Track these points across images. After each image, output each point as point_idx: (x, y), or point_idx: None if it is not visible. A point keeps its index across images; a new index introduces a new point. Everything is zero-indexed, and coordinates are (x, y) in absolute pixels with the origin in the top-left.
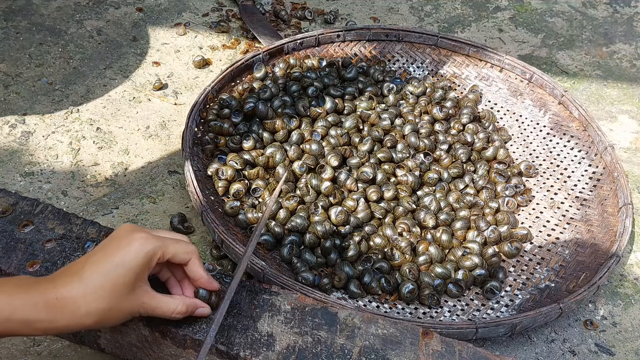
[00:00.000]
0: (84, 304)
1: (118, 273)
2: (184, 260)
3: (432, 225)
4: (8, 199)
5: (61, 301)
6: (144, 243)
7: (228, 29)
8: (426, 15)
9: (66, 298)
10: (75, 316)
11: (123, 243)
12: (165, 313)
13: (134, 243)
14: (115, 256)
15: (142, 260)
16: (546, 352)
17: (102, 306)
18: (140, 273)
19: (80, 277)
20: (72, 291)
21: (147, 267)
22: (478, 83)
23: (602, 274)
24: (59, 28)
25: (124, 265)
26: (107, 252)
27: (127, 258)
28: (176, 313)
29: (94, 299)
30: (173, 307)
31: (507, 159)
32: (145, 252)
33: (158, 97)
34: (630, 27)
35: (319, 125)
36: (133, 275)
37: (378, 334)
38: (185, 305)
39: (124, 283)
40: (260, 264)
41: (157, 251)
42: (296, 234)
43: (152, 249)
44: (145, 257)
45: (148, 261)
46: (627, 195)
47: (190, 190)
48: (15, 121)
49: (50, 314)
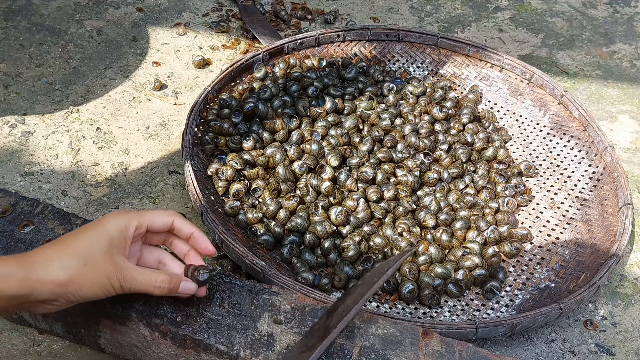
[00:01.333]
0: (57, 258)
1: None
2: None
3: (432, 225)
4: (8, 199)
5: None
6: (117, 215)
7: (228, 29)
8: (426, 15)
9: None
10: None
11: (101, 221)
12: (146, 285)
13: (107, 218)
14: (89, 228)
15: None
16: (546, 352)
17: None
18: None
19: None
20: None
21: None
22: (478, 83)
23: (602, 274)
24: (58, 28)
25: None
26: (84, 228)
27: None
28: (158, 283)
29: (67, 254)
30: (154, 278)
31: (507, 159)
32: (118, 221)
33: (158, 97)
34: (630, 27)
35: (319, 125)
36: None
37: (378, 334)
38: (167, 277)
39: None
40: (260, 264)
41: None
42: (296, 234)
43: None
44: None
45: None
46: (627, 195)
47: (190, 190)
48: (15, 121)
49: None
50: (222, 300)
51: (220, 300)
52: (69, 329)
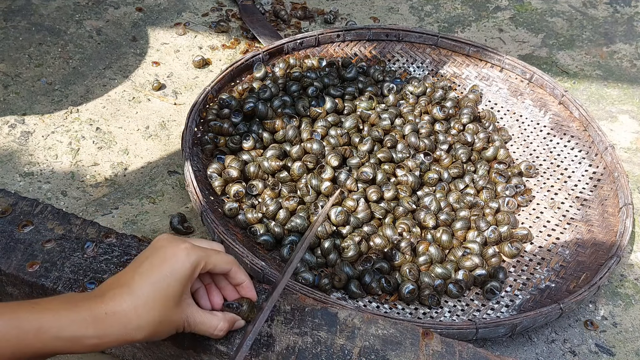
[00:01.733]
0: (135, 317)
1: (168, 283)
2: (224, 270)
3: (432, 225)
4: (8, 199)
5: (111, 316)
6: (189, 253)
7: (228, 29)
8: (426, 15)
9: (116, 312)
10: (126, 330)
11: (169, 253)
12: (208, 329)
13: (179, 253)
14: (164, 266)
15: (189, 271)
16: (546, 352)
17: (153, 319)
18: (186, 284)
19: (130, 288)
20: (123, 304)
21: (192, 278)
22: (478, 83)
23: (603, 274)
24: (58, 28)
25: (172, 276)
26: (154, 263)
27: (175, 268)
28: (218, 330)
29: (145, 311)
30: (215, 323)
31: (508, 159)
32: (191, 262)
33: (158, 97)
34: (630, 27)
35: (319, 125)
36: (180, 286)
37: (378, 334)
38: (227, 321)
39: (173, 294)
40: (260, 264)
41: (200, 261)
42: (296, 234)
43: (196, 259)
44: (191, 267)
45: (193, 271)
46: (628, 195)
47: (190, 191)
48: (14, 121)
49: (100, 330)
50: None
51: None
52: None
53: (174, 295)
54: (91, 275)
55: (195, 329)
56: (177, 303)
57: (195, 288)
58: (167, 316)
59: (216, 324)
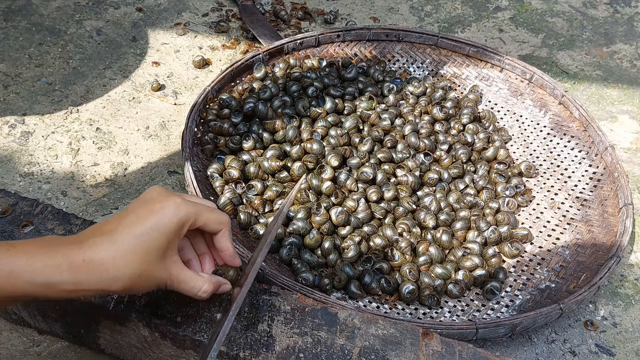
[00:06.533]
0: (113, 268)
1: (151, 237)
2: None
3: (432, 225)
4: (8, 199)
5: (88, 263)
6: (179, 207)
7: (228, 29)
8: (426, 15)
9: (94, 260)
10: (101, 279)
11: (157, 206)
12: (191, 290)
13: (168, 207)
14: (149, 219)
15: (176, 226)
16: (546, 352)
17: (131, 271)
18: (172, 239)
19: (111, 237)
20: (102, 253)
21: (179, 234)
22: (478, 83)
23: (603, 275)
24: (58, 28)
25: (157, 229)
26: (140, 215)
27: (161, 222)
28: (202, 292)
29: (124, 263)
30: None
31: (508, 159)
32: (180, 217)
33: (158, 97)
34: (630, 27)
35: (319, 126)
36: (165, 241)
37: (378, 334)
38: (212, 284)
39: (156, 248)
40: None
41: (190, 217)
42: (297, 236)
43: (185, 214)
44: (179, 222)
45: (181, 227)
46: (628, 195)
47: (190, 191)
48: (14, 121)
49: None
50: (222, 301)
51: (220, 300)
52: (69, 330)
53: (157, 250)
54: None
55: (179, 288)
56: (160, 258)
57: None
58: (148, 271)
59: (201, 284)
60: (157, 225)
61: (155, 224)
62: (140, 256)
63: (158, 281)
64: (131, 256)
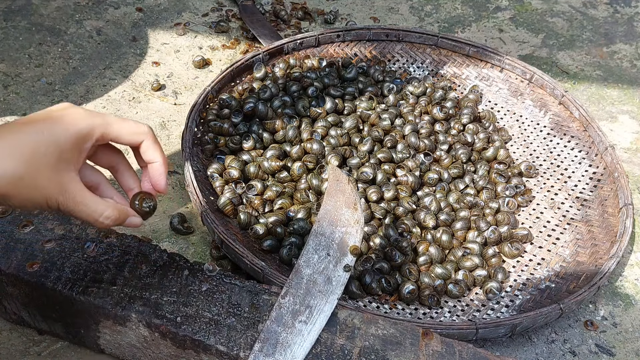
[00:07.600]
0: None
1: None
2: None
3: (432, 225)
4: None
5: None
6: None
7: (228, 29)
8: (426, 15)
9: None
10: None
11: (57, 114)
12: (91, 214)
13: (67, 116)
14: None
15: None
16: (546, 352)
17: (13, 169)
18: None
19: None
20: None
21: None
22: (478, 83)
23: (603, 275)
24: (58, 28)
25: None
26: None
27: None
28: (104, 217)
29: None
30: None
31: (508, 159)
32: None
33: (158, 97)
34: (630, 27)
35: (319, 126)
36: (57, 150)
37: (378, 334)
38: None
39: (45, 153)
40: (260, 264)
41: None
42: (297, 236)
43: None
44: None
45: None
46: (628, 195)
47: (190, 191)
48: None
49: None
50: (222, 301)
51: (220, 300)
52: (69, 330)
53: (46, 156)
54: (91, 275)
55: (75, 210)
56: (50, 167)
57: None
58: (33, 177)
59: (102, 210)
60: (49, 129)
61: (48, 127)
62: (25, 157)
63: (47, 194)
64: (14, 151)
